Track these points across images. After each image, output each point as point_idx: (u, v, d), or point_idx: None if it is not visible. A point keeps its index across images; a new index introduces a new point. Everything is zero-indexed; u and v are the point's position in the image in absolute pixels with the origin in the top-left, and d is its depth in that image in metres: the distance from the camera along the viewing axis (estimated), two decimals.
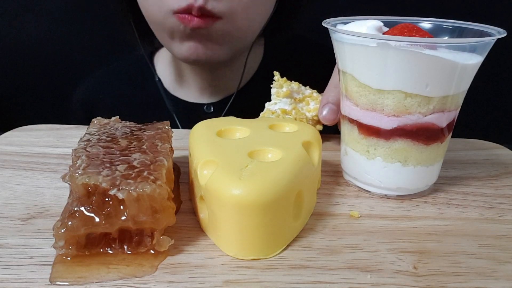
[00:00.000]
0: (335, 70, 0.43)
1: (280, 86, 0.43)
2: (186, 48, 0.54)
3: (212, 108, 0.66)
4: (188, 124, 0.46)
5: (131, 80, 0.71)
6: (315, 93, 0.43)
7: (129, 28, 0.64)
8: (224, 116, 0.63)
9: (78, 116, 0.72)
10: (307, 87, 0.45)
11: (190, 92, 0.68)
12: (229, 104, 0.63)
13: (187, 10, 0.50)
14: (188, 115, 0.65)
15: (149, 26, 0.58)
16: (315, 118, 0.41)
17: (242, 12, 0.52)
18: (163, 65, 0.69)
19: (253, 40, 0.59)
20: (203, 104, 0.67)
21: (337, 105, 0.41)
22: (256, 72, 0.67)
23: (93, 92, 0.73)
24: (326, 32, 0.38)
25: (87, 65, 0.80)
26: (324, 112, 0.41)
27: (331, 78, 0.44)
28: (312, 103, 0.42)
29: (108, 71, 0.75)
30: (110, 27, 0.73)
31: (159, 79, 0.66)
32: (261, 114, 0.41)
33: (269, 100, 0.44)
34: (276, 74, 0.44)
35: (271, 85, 0.44)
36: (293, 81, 0.44)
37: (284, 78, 0.44)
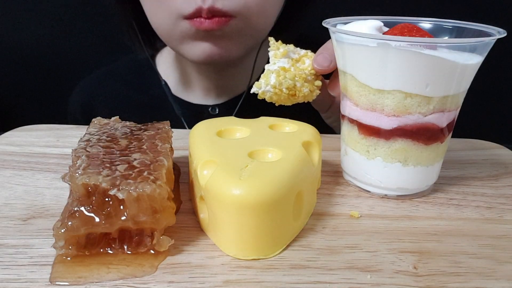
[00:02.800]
0: None
1: (277, 48, 0.44)
2: (199, 50, 0.53)
3: (217, 110, 0.65)
4: (192, 126, 0.45)
5: (131, 81, 0.70)
6: (309, 53, 0.44)
7: (131, 31, 0.63)
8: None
9: (77, 118, 0.71)
10: (302, 49, 0.45)
11: (194, 93, 0.66)
12: (238, 105, 0.61)
13: (197, 14, 0.48)
14: (192, 117, 0.64)
15: (150, 28, 0.57)
16: (312, 72, 0.42)
17: (256, 9, 0.51)
18: (165, 67, 0.68)
19: (264, 38, 0.58)
20: (208, 106, 0.65)
21: (331, 55, 0.41)
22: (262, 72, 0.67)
23: (92, 93, 0.71)
24: (326, 32, 0.38)
25: (87, 65, 0.79)
26: (317, 58, 0.42)
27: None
28: (307, 61, 0.43)
29: (107, 72, 0.74)
30: (111, 27, 0.73)
31: (166, 83, 0.64)
32: (261, 76, 0.42)
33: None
34: (271, 39, 0.44)
35: (268, 49, 0.44)
36: (288, 44, 0.45)
37: (279, 41, 0.44)
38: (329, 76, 0.45)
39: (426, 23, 0.39)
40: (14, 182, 0.38)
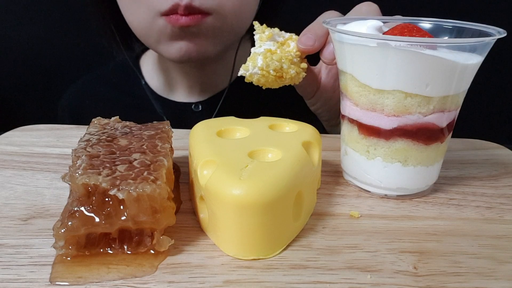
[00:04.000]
0: (323, 15, 0.44)
1: (262, 31, 0.44)
2: (176, 48, 0.54)
3: (200, 107, 0.66)
4: (178, 124, 0.46)
5: (117, 84, 0.72)
6: (294, 35, 0.45)
7: (110, 34, 0.64)
8: (215, 113, 0.63)
9: (66, 123, 0.72)
10: (287, 32, 0.46)
11: (178, 92, 0.68)
12: (221, 101, 0.63)
13: (174, 10, 0.49)
14: (177, 115, 0.65)
15: (128, 32, 0.58)
16: (298, 54, 0.42)
17: (232, 7, 0.52)
18: (149, 68, 0.70)
19: (243, 35, 0.59)
20: (191, 103, 0.67)
21: (315, 35, 0.42)
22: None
23: (79, 98, 0.73)
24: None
25: (88, 65, 0.80)
26: (302, 38, 0.42)
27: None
28: (292, 44, 0.44)
29: (94, 77, 0.76)
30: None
31: (146, 83, 0.66)
32: (248, 59, 0.42)
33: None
34: (256, 23, 0.44)
35: (254, 33, 0.44)
36: (272, 28, 0.45)
37: (264, 24, 0.45)
38: (316, 63, 0.45)
39: (426, 23, 0.39)
40: (14, 182, 0.38)
